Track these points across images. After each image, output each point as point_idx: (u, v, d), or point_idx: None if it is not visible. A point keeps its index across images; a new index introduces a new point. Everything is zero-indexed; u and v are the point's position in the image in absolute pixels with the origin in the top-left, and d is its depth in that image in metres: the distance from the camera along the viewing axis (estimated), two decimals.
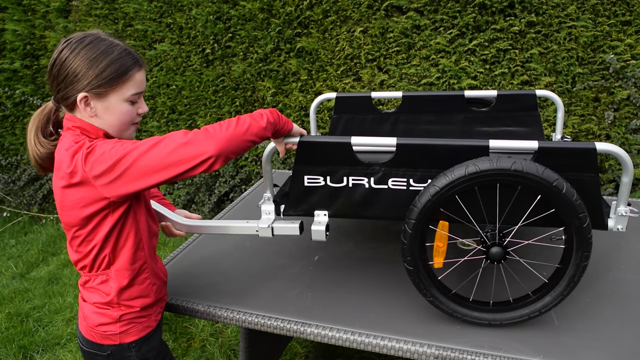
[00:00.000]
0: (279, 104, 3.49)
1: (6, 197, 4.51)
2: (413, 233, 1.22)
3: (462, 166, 1.16)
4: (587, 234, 1.15)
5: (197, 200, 3.76)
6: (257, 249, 1.77)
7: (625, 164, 1.16)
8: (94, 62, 1.12)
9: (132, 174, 1.06)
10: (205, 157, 1.04)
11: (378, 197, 1.30)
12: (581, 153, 1.15)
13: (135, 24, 3.67)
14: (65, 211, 1.14)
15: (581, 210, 1.14)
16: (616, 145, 1.16)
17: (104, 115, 1.16)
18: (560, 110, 1.83)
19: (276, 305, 1.43)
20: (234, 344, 2.54)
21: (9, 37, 4.09)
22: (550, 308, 1.25)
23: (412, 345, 1.23)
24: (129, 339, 1.24)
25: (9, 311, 2.93)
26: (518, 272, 1.52)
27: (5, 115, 4.43)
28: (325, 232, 1.34)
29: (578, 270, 1.20)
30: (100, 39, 1.15)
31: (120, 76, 1.14)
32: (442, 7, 2.93)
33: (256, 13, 3.30)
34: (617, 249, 1.63)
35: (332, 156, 1.29)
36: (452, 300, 1.30)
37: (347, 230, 1.88)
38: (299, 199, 1.36)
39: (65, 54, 1.12)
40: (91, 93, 1.13)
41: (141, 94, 1.21)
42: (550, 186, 1.13)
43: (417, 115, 1.95)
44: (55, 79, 1.14)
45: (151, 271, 1.28)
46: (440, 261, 1.27)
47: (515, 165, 1.13)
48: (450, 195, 1.18)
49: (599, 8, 2.73)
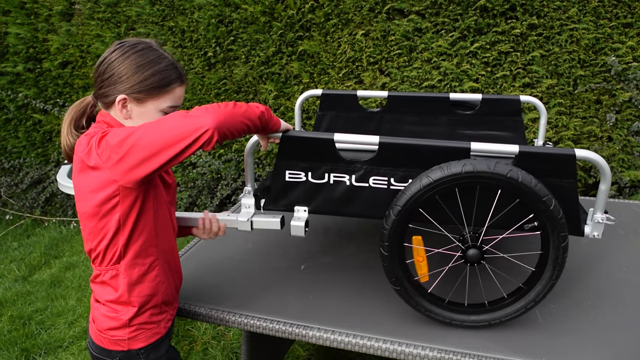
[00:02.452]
0: (280, 107, 3.49)
1: (9, 200, 4.52)
2: (389, 255, 1.22)
3: (416, 180, 1.17)
4: (557, 215, 1.16)
5: (199, 202, 3.77)
6: (259, 252, 1.77)
7: (604, 172, 1.17)
8: (141, 68, 1.17)
9: (136, 151, 1.06)
10: (204, 129, 1.04)
11: (359, 195, 1.30)
12: (561, 159, 1.16)
13: (137, 28, 3.68)
14: (80, 197, 1.17)
15: (543, 193, 1.14)
16: (595, 153, 1.17)
17: (137, 120, 1.21)
18: (543, 116, 1.85)
19: (278, 308, 1.43)
20: (236, 347, 2.54)
21: (11, 41, 4.10)
22: (544, 295, 1.25)
23: (414, 349, 1.23)
24: (137, 345, 1.24)
25: (12, 314, 2.93)
26: (505, 269, 1.52)
27: (8, 118, 4.44)
28: (305, 227, 1.34)
29: (560, 252, 1.20)
30: (152, 49, 1.21)
31: (162, 87, 1.20)
32: (444, 10, 2.93)
33: (258, 16, 3.31)
34: (619, 252, 1.63)
35: (314, 152, 1.29)
36: (448, 309, 1.30)
37: (349, 233, 1.88)
38: (279, 194, 1.35)
39: (116, 55, 1.18)
40: (131, 96, 1.18)
41: (177, 108, 1.25)
42: (505, 178, 1.13)
43: (402, 115, 1.96)
44: (100, 75, 1.20)
45: (162, 270, 1.28)
46: (425, 274, 1.27)
47: (466, 167, 1.14)
48: (414, 210, 1.19)
49: (600, 10, 2.73)
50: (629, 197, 2.94)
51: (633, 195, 2.95)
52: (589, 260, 1.59)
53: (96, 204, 1.14)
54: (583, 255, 1.62)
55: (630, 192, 2.95)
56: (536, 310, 1.35)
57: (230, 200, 3.75)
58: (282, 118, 3.51)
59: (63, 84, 4.14)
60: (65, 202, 4.32)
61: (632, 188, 2.96)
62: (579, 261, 1.59)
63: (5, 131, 4.52)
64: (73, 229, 4.16)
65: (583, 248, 1.67)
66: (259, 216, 1.40)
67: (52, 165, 4.39)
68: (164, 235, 1.28)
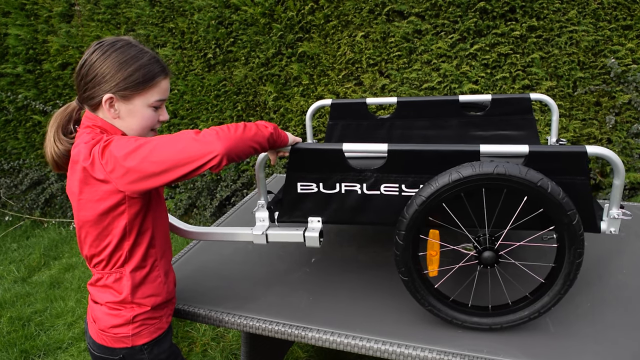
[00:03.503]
0: (280, 109, 3.49)
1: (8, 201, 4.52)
2: (404, 244, 1.22)
3: (445, 174, 1.17)
4: (577, 231, 1.15)
5: (199, 204, 3.76)
6: (259, 253, 1.77)
7: (617, 167, 1.16)
8: (124, 65, 1.16)
9: (144, 166, 1.07)
10: (213, 155, 1.06)
11: (371, 203, 1.30)
12: (572, 156, 1.15)
13: (137, 29, 3.68)
14: (82, 205, 1.16)
15: (569, 207, 1.13)
16: (607, 148, 1.16)
17: (126, 118, 1.20)
18: (555, 113, 1.84)
19: (278, 310, 1.43)
20: (236, 348, 2.53)
21: (11, 42, 4.11)
22: (549, 308, 1.25)
23: (414, 350, 1.23)
24: (141, 341, 1.25)
25: (11, 315, 2.93)
26: (514, 275, 1.52)
27: (8, 119, 4.44)
28: (319, 238, 1.34)
29: (573, 267, 1.20)
30: (131, 45, 1.20)
31: (147, 81, 1.19)
32: (443, 11, 2.94)
33: (258, 18, 3.31)
34: (619, 254, 1.63)
35: (324, 163, 1.29)
36: (451, 307, 1.30)
37: (348, 234, 1.88)
38: (292, 206, 1.36)
39: (97, 55, 1.17)
40: (117, 95, 1.17)
41: (164, 101, 1.25)
42: (535, 186, 1.13)
43: (412, 120, 1.95)
44: (83, 78, 1.18)
45: (162, 269, 1.29)
46: (435, 269, 1.27)
47: (498, 169, 1.13)
48: (438, 203, 1.18)
49: (600, 12, 2.74)
50: (629, 199, 2.94)
51: (633, 197, 2.95)
52: (589, 262, 1.59)
53: (100, 212, 1.14)
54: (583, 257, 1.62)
55: (630, 194, 2.96)
56: (547, 318, 1.34)
57: (229, 201, 3.75)
58: (282, 119, 3.51)
59: (63, 86, 4.14)
60: (65, 203, 4.32)
61: (632, 190, 2.96)
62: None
63: (4, 132, 4.52)
64: (72, 230, 4.16)
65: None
66: (278, 229, 1.39)
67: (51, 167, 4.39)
68: (161, 234, 1.28)
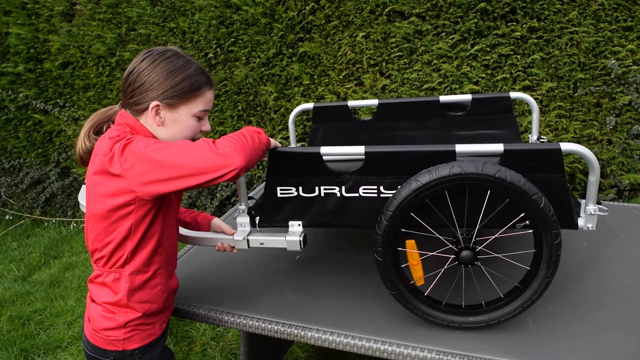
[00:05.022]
0: (281, 109, 3.50)
1: (9, 200, 4.52)
2: (383, 260, 1.23)
3: (406, 185, 1.18)
4: (547, 213, 1.15)
5: (199, 204, 3.77)
6: (258, 253, 1.77)
7: (591, 163, 1.17)
8: (172, 74, 1.19)
9: (162, 169, 1.08)
10: (233, 167, 1.07)
11: (350, 206, 1.30)
12: (546, 154, 1.16)
13: (138, 28, 3.69)
14: (93, 198, 1.17)
15: (532, 192, 1.14)
16: (580, 145, 1.16)
17: (170, 126, 1.22)
18: (535, 111, 1.85)
19: (277, 309, 1.43)
20: (235, 348, 2.54)
21: (12, 41, 4.11)
22: (540, 294, 1.25)
23: (413, 350, 1.23)
24: (132, 345, 1.25)
25: (11, 314, 2.93)
26: (501, 269, 1.53)
27: (9, 118, 4.45)
28: (302, 242, 1.34)
29: (552, 249, 1.20)
30: (179, 55, 1.23)
31: (193, 91, 1.21)
32: (444, 12, 2.94)
33: (259, 18, 3.32)
34: (618, 255, 1.63)
35: (303, 167, 1.29)
36: (445, 311, 1.30)
37: (348, 234, 1.88)
38: (273, 210, 1.36)
39: (146, 63, 1.19)
40: (163, 103, 1.19)
41: (207, 111, 1.27)
42: (493, 178, 1.13)
43: (394, 121, 1.97)
44: (130, 84, 1.21)
45: (164, 278, 1.29)
46: (421, 277, 1.27)
47: (454, 170, 1.14)
48: (405, 214, 1.19)
49: (600, 14, 2.74)
50: (629, 201, 2.94)
51: (632, 199, 2.95)
52: (588, 263, 1.59)
53: (109, 208, 1.15)
54: (582, 258, 1.62)
55: (630, 195, 2.96)
56: (528, 317, 1.34)
57: (229, 201, 3.76)
58: (283, 120, 3.52)
59: (64, 85, 4.14)
60: (65, 202, 4.32)
61: (632, 191, 2.96)
62: (578, 264, 1.59)
63: (5, 131, 4.53)
64: (73, 230, 4.16)
65: (582, 251, 1.67)
66: (260, 234, 1.39)
67: (52, 166, 4.39)
68: (169, 244, 1.28)
